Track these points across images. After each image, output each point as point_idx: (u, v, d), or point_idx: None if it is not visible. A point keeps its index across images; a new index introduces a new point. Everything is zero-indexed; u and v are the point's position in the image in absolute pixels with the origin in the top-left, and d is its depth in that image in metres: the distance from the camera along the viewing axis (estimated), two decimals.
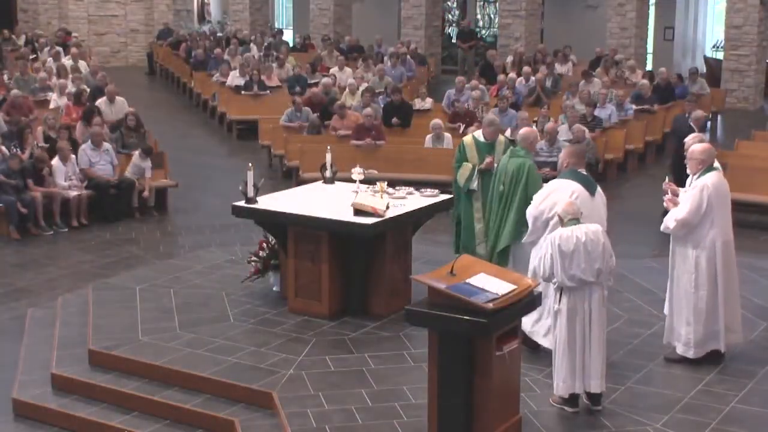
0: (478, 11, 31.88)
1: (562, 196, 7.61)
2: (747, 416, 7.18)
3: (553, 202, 7.67)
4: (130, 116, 15.43)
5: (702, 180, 7.93)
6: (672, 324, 8.14)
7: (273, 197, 9.71)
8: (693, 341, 7.94)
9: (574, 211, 7.21)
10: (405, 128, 17.05)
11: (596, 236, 7.11)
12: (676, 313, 8.07)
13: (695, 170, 8.03)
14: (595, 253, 7.06)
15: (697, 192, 7.87)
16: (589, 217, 7.47)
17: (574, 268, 7.01)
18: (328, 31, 28.69)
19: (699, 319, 7.91)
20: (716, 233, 7.88)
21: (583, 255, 7.02)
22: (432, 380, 6.58)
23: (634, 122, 17.58)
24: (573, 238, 7.03)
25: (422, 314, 6.57)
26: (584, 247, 7.03)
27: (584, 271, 7.02)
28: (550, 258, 7.06)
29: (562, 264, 7.02)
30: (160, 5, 32.55)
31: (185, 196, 14.78)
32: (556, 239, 7.08)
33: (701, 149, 8.09)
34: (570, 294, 7.06)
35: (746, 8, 23.10)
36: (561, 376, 7.14)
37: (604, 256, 7.11)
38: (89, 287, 10.12)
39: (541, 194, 7.95)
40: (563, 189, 7.76)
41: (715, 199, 7.87)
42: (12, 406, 7.99)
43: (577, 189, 7.74)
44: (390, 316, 8.94)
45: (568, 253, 7.01)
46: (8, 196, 12.82)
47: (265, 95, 20.63)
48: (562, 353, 7.11)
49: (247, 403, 7.54)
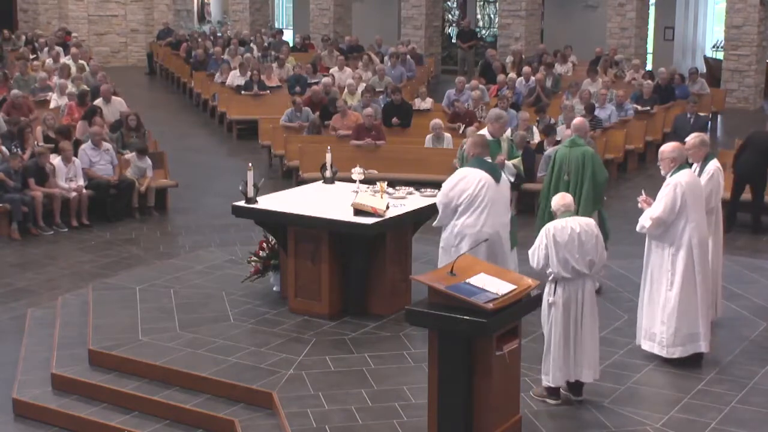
0: (478, 11, 31.89)
1: (470, 184, 8.21)
2: (747, 416, 7.18)
3: (461, 189, 8.25)
4: (130, 116, 15.42)
5: (675, 178, 7.90)
6: (642, 324, 8.11)
7: (273, 197, 9.71)
8: (666, 341, 7.91)
9: (567, 203, 7.36)
10: (405, 128, 17.06)
11: (590, 228, 7.25)
12: (649, 313, 8.03)
13: (667, 169, 8.01)
14: (589, 244, 7.19)
15: (670, 190, 7.84)
16: (496, 202, 8.21)
17: (569, 258, 7.12)
18: (328, 31, 28.70)
19: (674, 319, 7.87)
20: (692, 231, 7.85)
21: (577, 246, 7.15)
22: (432, 380, 6.58)
23: (634, 122, 17.58)
24: (567, 228, 7.17)
25: (422, 314, 6.57)
26: (578, 237, 7.16)
27: (578, 261, 7.14)
28: (545, 248, 7.16)
29: (557, 254, 7.12)
30: (160, 5, 32.56)
31: (185, 196, 14.78)
32: (551, 230, 7.19)
33: (671, 148, 8.05)
34: (564, 286, 7.14)
35: (746, 8, 23.11)
36: (557, 366, 7.22)
37: (597, 248, 7.23)
38: (89, 287, 10.12)
39: (450, 182, 8.36)
40: (471, 177, 8.27)
41: (689, 196, 7.83)
42: (12, 406, 7.99)
43: (484, 177, 8.26)
44: (390, 316, 8.94)
45: (562, 244, 7.13)
46: (12, 194, 12.83)
47: (265, 95, 20.65)
48: (557, 345, 7.20)
49: (247, 403, 7.53)
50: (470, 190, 8.25)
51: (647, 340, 8.09)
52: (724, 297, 9.19)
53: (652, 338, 8.03)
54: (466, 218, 8.29)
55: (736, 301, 9.53)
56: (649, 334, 8.06)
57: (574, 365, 7.24)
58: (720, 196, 8.78)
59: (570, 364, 7.23)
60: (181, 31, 29.60)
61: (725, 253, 9.38)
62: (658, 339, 7.97)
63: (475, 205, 8.26)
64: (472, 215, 8.29)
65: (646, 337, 8.10)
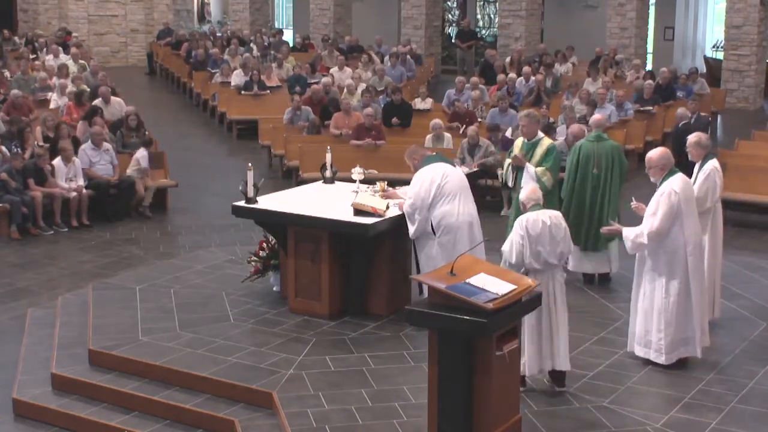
0: (478, 11, 31.88)
1: (435, 177, 8.51)
2: (747, 416, 7.18)
3: (430, 184, 8.51)
4: (131, 116, 15.42)
5: (667, 185, 7.81)
6: (636, 330, 8.06)
7: (273, 197, 9.71)
8: (665, 347, 7.87)
9: (537, 198, 7.56)
10: (405, 128, 17.05)
11: (558, 221, 7.48)
12: (644, 320, 7.96)
13: (658, 177, 7.94)
14: (559, 236, 7.39)
15: (665, 198, 7.76)
16: (464, 188, 8.60)
17: (542, 251, 7.31)
18: (328, 31, 28.70)
19: (671, 325, 7.84)
20: (687, 238, 7.80)
21: (548, 239, 7.34)
22: (432, 380, 6.58)
23: (634, 122, 17.56)
24: (539, 222, 7.35)
25: (422, 314, 6.57)
26: (550, 230, 7.35)
27: (549, 253, 7.33)
28: (521, 239, 7.33)
29: (530, 247, 7.31)
30: (160, 5, 32.55)
31: (185, 196, 14.78)
32: (524, 223, 7.36)
33: (658, 155, 7.97)
34: (535, 278, 7.22)
35: (746, 8, 23.11)
36: (529, 355, 7.36)
37: (566, 240, 7.47)
38: (89, 287, 10.12)
39: (414, 187, 8.60)
40: (433, 171, 8.60)
41: (683, 203, 7.78)
42: (12, 406, 7.99)
43: (443, 167, 8.65)
44: (390, 316, 8.94)
45: (535, 237, 7.31)
46: (12, 195, 12.83)
47: (265, 95, 20.64)
48: (530, 335, 7.32)
49: (247, 403, 7.53)
50: (438, 181, 8.53)
51: (642, 346, 8.02)
52: (723, 297, 9.19)
53: (648, 345, 7.97)
54: (441, 207, 8.50)
55: (736, 301, 9.53)
56: (644, 341, 8.00)
57: (550, 354, 7.38)
58: (717, 195, 8.73)
59: (544, 353, 7.37)
60: (181, 31, 29.59)
61: (725, 252, 9.37)
62: (655, 346, 7.92)
63: (446, 194, 8.51)
64: (447, 204, 8.52)
65: (641, 344, 8.03)
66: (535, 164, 9.68)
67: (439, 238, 8.53)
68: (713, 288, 8.75)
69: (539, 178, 9.55)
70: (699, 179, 8.58)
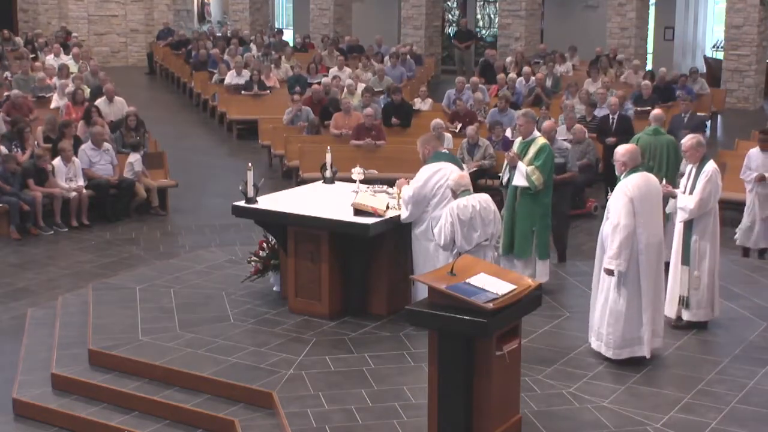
0: (478, 11, 31.90)
1: (444, 177, 8.46)
2: (747, 416, 7.18)
3: (436, 184, 8.56)
4: (131, 116, 15.42)
5: (624, 182, 7.86)
6: (594, 323, 8.12)
7: (273, 197, 9.71)
8: (613, 342, 7.92)
9: (466, 183, 8.08)
10: (405, 128, 17.05)
11: (487, 204, 8.03)
12: (600, 313, 8.02)
13: (619, 172, 8.00)
14: (488, 218, 7.99)
15: (620, 195, 7.80)
16: (468, 186, 8.36)
17: (473, 234, 7.87)
18: (328, 31, 28.71)
19: (619, 321, 7.86)
20: (640, 235, 7.79)
21: (479, 221, 7.91)
22: (432, 380, 6.58)
23: (634, 122, 17.53)
24: (469, 207, 7.90)
25: (422, 314, 6.57)
26: (479, 214, 7.91)
27: (480, 235, 7.91)
28: (451, 225, 7.87)
29: (461, 231, 7.84)
30: (160, 5, 32.57)
31: (185, 196, 14.79)
32: (454, 209, 7.89)
33: (623, 151, 8.02)
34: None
35: (746, 8, 23.12)
36: None
37: (495, 221, 8.06)
38: (89, 287, 10.11)
39: (420, 179, 8.59)
40: (444, 170, 8.57)
41: (637, 200, 7.78)
42: (12, 406, 7.99)
43: (451, 169, 8.58)
44: (390, 316, 8.94)
45: (466, 221, 7.86)
46: (10, 196, 12.82)
47: (265, 95, 20.65)
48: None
49: (247, 403, 7.53)
50: (440, 182, 8.55)
51: (596, 339, 8.12)
52: (723, 297, 9.19)
53: (600, 338, 8.05)
54: (441, 208, 8.44)
55: (736, 301, 9.53)
56: (597, 333, 8.09)
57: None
58: (718, 197, 8.75)
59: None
60: (181, 31, 29.60)
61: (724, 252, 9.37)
62: (605, 339, 7.98)
63: (447, 195, 8.47)
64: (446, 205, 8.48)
65: (595, 336, 8.13)
66: (527, 163, 9.61)
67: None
68: (713, 288, 8.76)
69: (529, 176, 9.47)
70: (701, 181, 8.57)
